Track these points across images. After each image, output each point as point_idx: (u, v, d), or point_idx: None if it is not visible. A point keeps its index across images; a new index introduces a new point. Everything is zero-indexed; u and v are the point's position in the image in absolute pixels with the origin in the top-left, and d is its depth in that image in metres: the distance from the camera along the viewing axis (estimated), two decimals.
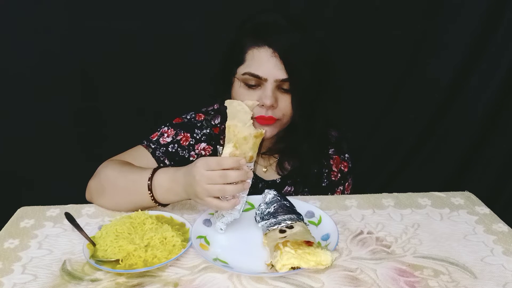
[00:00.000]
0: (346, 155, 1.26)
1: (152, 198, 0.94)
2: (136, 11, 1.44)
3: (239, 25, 1.08)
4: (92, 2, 1.41)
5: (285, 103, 1.05)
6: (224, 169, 0.83)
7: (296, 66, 1.01)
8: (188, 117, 1.19)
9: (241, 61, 1.05)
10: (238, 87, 1.06)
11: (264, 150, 1.18)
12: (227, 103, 0.87)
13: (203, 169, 0.84)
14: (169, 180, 0.93)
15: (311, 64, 1.04)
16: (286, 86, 1.03)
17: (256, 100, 1.02)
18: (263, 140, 0.92)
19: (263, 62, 1.02)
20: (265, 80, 1.02)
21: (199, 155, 1.16)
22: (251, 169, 0.87)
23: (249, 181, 0.87)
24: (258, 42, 1.02)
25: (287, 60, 1.00)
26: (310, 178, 1.19)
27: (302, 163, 1.17)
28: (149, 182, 0.93)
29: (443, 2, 1.54)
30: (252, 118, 0.86)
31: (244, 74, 1.04)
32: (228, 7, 1.42)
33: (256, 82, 1.03)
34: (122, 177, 0.98)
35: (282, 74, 1.01)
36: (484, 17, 1.56)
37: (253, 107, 0.88)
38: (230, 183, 0.84)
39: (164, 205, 0.98)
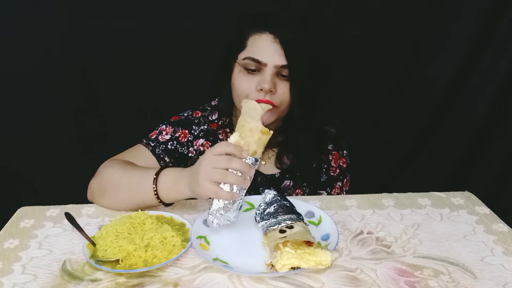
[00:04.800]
0: (345, 151, 1.27)
1: (155, 193, 0.94)
2: (136, 11, 1.44)
3: (242, 15, 1.09)
4: (92, 2, 1.41)
5: (283, 89, 1.05)
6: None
7: (296, 53, 1.02)
8: (186, 114, 1.20)
9: (242, 47, 1.06)
10: (238, 72, 1.07)
11: None
12: (243, 102, 0.91)
13: (210, 153, 0.86)
14: (174, 177, 0.93)
15: (311, 53, 1.06)
16: (285, 73, 1.04)
17: (255, 85, 1.04)
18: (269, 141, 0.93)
19: (264, 48, 1.03)
20: (265, 65, 1.03)
21: (197, 151, 1.17)
22: (252, 164, 0.87)
23: (249, 178, 0.87)
24: (259, 29, 1.05)
25: (287, 47, 1.02)
26: (309, 173, 1.20)
27: (301, 158, 1.18)
28: (155, 176, 0.94)
29: (443, 2, 1.54)
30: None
31: (244, 59, 1.05)
32: (228, 7, 1.42)
33: (256, 67, 1.04)
34: (126, 175, 0.99)
35: (281, 60, 1.02)
36: (484, 18, 1.56)
37: (265, 110, 0.91)
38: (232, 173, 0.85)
39: (166, 205, 0.98)
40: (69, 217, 0.91)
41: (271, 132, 0.88)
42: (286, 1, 1.46)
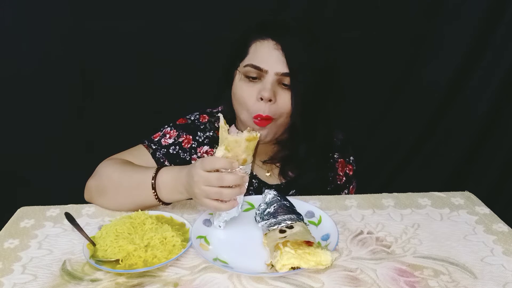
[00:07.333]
0: (351, 157, 1.25)
1: (156, 197, 0.94)
2: (137, 11, 1.44)
3: (247, 26, 1.08)
4: (92, 2, 1.41)
5: (284, 99, 1.02)
6: (220, 172, 0.84)
7: (298, 61, 1.00)
8: (192, 118, 1.18)
9: (244, 54, 1.05)
10: (238, 80, 1.06)
11: (266, 158, 1.16)
12: (221, 126, 0.85)
13: (200, 169, 0.85)
14: (172, 179, 0.93)
15: (313, 63, 1.03)
16: (286, 82, 1.02)
17: (255, 93, 1.02)
18: (258, 143, 0.90)
19: (265, 55, 1.02)
20: (266, 72, 1.01)
21: None
22: (246, 172, 0.87)
23: (245, 185, 0.87)
24: (262, 35, 1.03)
25: (289, 54, 1.00)
26: (314, 184, 1.16)
27: (305, 172, 1.15)
28: (153, 181, 0.94)
29: (443, 2, 1.54)
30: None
31: (245, 66, 1.03)
32: (229, 6, 1.42)
33: (257, 74, 1.02)
34: (125, 176, 0.98)
35: (283, 68, 1.00)
36: (484, 17, 1.56)
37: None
38: (227, 187, 0.85)
39: (167, 204, 0.98)
40: (69, 217, 0.91)
41: (258, 134, 0.85)
42: (286, 1, 1.47)
